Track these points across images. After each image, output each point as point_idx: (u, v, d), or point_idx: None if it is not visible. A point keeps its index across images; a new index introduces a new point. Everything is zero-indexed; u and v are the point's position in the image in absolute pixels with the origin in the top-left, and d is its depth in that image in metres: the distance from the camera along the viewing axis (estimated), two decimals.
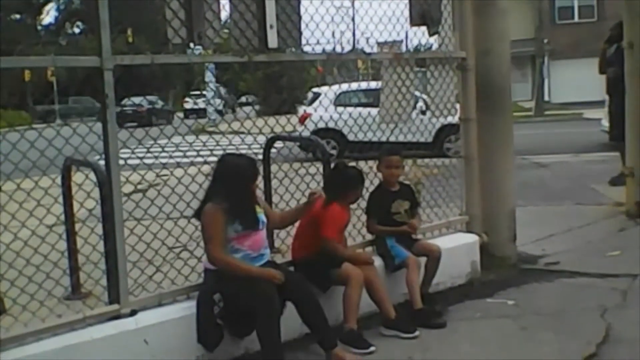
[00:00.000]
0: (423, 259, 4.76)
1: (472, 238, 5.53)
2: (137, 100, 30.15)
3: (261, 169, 5.03)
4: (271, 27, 4.18)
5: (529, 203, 7.80)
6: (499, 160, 5.68)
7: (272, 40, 4.22)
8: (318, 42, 4.78)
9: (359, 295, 4.19)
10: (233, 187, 3.85)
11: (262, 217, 4.00)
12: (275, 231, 5.06)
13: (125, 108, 28.79)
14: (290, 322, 3.93)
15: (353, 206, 4.65)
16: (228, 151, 4.20)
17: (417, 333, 4.31)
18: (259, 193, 4.39)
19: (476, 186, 5.65)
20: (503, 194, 5.72)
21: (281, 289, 3.75)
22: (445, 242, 5.18)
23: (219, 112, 24.79)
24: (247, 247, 3.85)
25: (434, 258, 4.80)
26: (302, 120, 14.50)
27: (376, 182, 5.03)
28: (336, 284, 4.27)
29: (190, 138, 5.21)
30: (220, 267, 3.78)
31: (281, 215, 4.38)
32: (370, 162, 5.15)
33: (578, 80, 33.19)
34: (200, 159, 5.04)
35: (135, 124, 17.69)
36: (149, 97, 32.92)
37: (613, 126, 9.29)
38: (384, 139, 5.57)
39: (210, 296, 3.85)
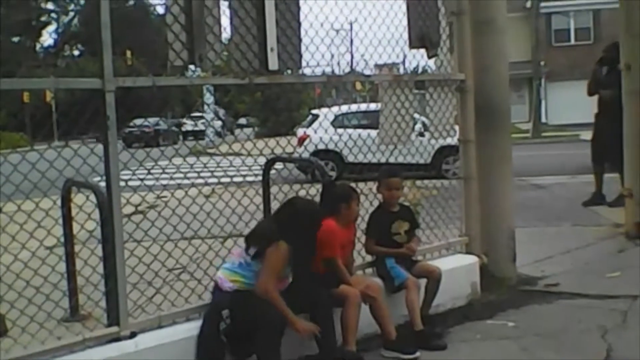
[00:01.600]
0: (423, 281, 4.75)
1: (472, 259, 5.53)
2: (138, 122, 30.94)
3: (260, 190, 5.05)
4: (272, 49, 4.21)
5: (527, 224, 7.79)
6: (497, 181, 5.70)
7: (273, 63, 4.25)
8: (318, 64, 4.81)
9: (356, 315, 4.16)
10: (303, 236, 3.90)
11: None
12: None
13: (133, 129, 29.53)
14: (290, 343, 3.91)
15: None
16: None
17: (417, 354, 4.29)
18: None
19: (475, 207, 5.66)
20: (502, 215, 5.73)
21: (303, 303, 3.80)
22: (445, 264, 5.18)
23: (218, 134, 24.85)
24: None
25: (434, 279, 4.79)
26: (301, 141, 14.52)
27: (375, 203, 5.05)
28: (334, 305, 4.25)
29: (191, 160, 5.22)
30: (263, 297, 3.73)
31: None
32: (370, 184, 5.16)
33: (575, 102, 33.11)
34: (200, 181, 5.04)
35: (143, 144, 18.10)
36: (151, 119, 33.33)
37: (596, 147, 9.45)
38: (383, 160, 5.57)
39: (219, 311, 3.83)
